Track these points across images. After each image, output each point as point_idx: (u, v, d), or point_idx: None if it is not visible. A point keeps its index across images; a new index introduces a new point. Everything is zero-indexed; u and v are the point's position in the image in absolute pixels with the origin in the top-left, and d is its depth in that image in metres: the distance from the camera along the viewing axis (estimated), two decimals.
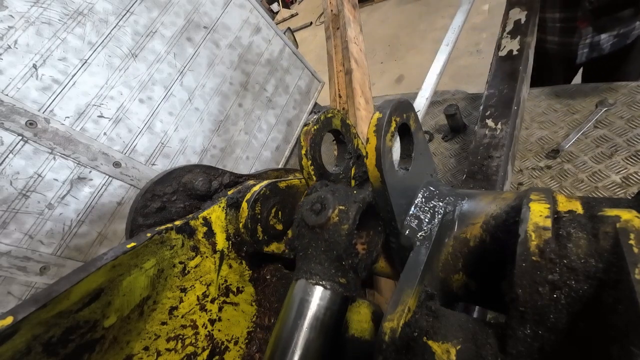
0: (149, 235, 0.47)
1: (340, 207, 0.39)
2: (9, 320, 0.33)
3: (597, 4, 1.35)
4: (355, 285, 0.39)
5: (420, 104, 1.23)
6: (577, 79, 1.83)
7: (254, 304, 0.62)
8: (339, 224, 0.38)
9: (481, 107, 1.09)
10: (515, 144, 1.04)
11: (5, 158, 1.20)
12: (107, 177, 1.46)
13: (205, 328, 0.55)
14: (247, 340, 0.60)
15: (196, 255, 0.54)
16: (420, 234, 0.40)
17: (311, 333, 0.36)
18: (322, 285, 0.38)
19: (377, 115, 0.37)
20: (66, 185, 1.34)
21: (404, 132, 0.43)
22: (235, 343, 0.59)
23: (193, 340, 0.53)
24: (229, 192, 0.61)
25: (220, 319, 0.57)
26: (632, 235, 0.25)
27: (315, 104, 2.60)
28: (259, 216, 0.53)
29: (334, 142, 0.57)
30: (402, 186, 0.40)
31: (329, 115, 0.49)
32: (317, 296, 0.38)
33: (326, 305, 0.38)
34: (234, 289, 0.60)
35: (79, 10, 1.40)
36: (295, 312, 0.38)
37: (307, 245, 0.40)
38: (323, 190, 0.42)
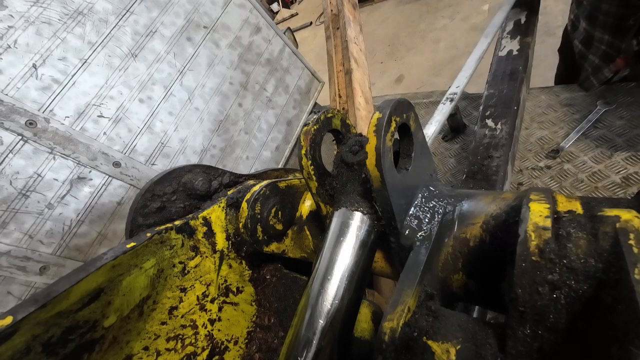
0: (148, 235, 0.47)
1: None
2: (8, 320, 0.33)
3: None
4: None
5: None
6: None
7: (253, 303, 0.62)
8: None
9: (481, 107, 1.09)
10: (515, 144, 1.04)
11: (5, 158, 1.20)
12: (107, 177, 1.46)
13: (205, 328, 0.55)
14: (246, 340, 0.60)
15: (196, 255, 0.54)
16: (420, 234, 0.41)
17: (352, 249, 0.43)
18: (360, 211, 0.44)
19: (377, 115, 0.37)
20: (66, 185, 1.34)
21: (404, 132, 0.43)
22: (235, 343, 0.59)
23: (193, 340, 0.53)
24: (229, 192, 0.61)
25: (220, 319, 0.57)
26: (631, 235, 0.25)
27: (315, 104, 2.60)
28: (259, 216, 0.53)
29: (334, 142, 0.57)
30: (402, 186, 0.40)
31: (329, 115, 0.49)
32: (357, 219, 0.44)
33: (364, 227, 0.44)
34: (234, 289, 0.60)
35: (79, 9, 1.40)
36: (338, 232, 0.44)
37: (346, 182, 0.47)
38: (360, 136, 0.49)
